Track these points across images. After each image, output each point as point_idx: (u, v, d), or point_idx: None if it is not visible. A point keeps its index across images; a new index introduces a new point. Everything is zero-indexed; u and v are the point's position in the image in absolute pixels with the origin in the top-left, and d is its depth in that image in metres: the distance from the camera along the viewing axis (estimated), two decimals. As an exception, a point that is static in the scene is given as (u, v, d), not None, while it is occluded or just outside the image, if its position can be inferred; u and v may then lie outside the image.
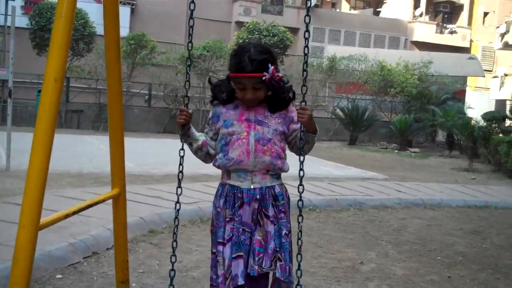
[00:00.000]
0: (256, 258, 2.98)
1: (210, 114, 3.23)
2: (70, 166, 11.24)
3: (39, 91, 20.78)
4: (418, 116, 24.19)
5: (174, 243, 3.15)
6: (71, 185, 9.36)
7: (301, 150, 3.08)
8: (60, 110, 21.53)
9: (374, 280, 5.83)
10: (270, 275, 3.16)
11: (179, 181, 3.11)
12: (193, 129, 3.21)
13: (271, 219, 3.04)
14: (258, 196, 3.04)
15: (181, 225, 7.16)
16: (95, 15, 21.37)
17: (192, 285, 5.20)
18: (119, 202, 3.02)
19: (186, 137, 3.19)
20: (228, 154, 3.06)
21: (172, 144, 17.83)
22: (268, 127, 3.07)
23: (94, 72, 22.56)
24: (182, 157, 3.11)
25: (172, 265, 3.18)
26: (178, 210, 3.10)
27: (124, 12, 28.66)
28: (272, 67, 3.01)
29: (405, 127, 22.96)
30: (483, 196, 11.46)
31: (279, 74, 3.05)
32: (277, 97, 3.08)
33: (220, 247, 3.01)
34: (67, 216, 2.49)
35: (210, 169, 3.74)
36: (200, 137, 3.24)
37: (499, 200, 11.25)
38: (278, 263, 3.04)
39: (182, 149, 3.11)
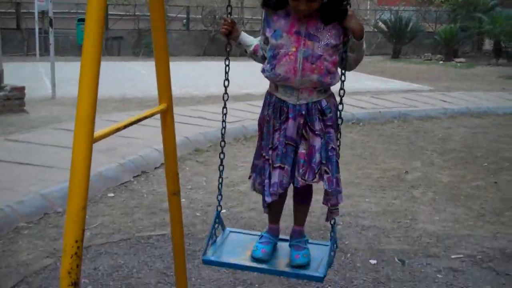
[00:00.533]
0: (301, 170, 3.00)
1: (263, 17, 3.09)
2: (114, 92, 11.43)
3: (79, 20, 20.88)
4: (464, 24, 23.36)
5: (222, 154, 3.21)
6: (116, 110, 9.56)
7: (347, 59, 3.00)
8: (101, 38, 21.61)
9: (419, 188, 5.88)
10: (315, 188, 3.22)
11: (225, 89, 3.09)
12: (243, 35, 3.11)
13: (317, 132, 2.98)
14: (303, 112, 2.97)
15: (226, 143, 7.30)
16: None
17: (239, 199, 5.35)
18: (167, 116, 3.06)
19: (238, 45, 3.17)
20: (275, 69, 2.95)
21: (212, 66, 17.92)
22: (319, 42, 2.92)
23: (131, -2, 22.47)
24: (227, 66, 3.07)
25: (221, 174, 3.27)
26: (225, 114, 3.11)
27: None
28: None
29: (451, 37, 22.27)
30: (531, 103, 11.20)
31: None
32: (332, 6, 2.95)
33: (271, 152, 3.03)
34: (118, 129, 2.55)
35: (252, 88, 3.73)
36: (253, 41, 3.14)
37: (549, 105, 10.97)
38: (325, 176, 3.02)
39: (227, 58, 3.08)
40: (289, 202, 3.09)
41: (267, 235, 3.15)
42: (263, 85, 3.23)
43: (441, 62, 21.66)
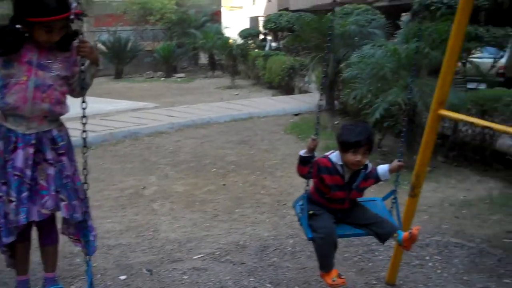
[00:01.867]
0: (42, 201, 2.97)
1: None
2: None
3: None
4: (180, 41, 24.70)
5: None
6: None
7: (83, 85, 3.05)
8: None
9: (158, 200, 6.19)
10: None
11: None
12: None
13: (50, 162, 3.01)
14: (33, 141, 2.97)
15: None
16: None
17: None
18: None
19: None
20: (5, 98, 2.91)
21: None
22: (50, 72, 2.95)
23: None
24: None
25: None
26: None
27: None
28: (75, 3, 2.92)
29: (169, 54, 23.34)
30: (246, 109, 12.43)
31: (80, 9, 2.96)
32: (67, 38, 3.01)
33: (4, 187, 2.94)
34: None
35: None
36: None
37: (261, 110, 12.31)
38: (62, 203, 3.06)
39: None
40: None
41: None
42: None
43: (163, 79, 22.56)
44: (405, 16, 8.16)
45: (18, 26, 2.91)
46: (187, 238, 5.01)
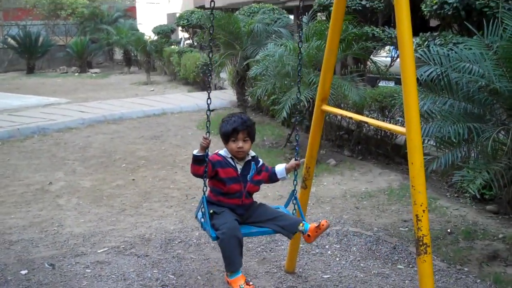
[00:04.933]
0: None
1: None
2: None
3: None
4: (93, 36, 24.20)
5: None
6: None
7: None
8: None
9: (64, 196, 6.13)
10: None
11: None
12: None
13: None
14: None
15: None
16: None
17: None
18: None
19: None
20: None
21: None
22: None
23: None
24: None
25: None
26: None
27: None
28: None
29: (82, 49, 22.82)
30: (160, 105, 12.39)
31: None
32: None
33: None
34: None
35: None
36: None
37: (175, 106, 12.32)
38: None
39: None
40: None
41: None
42: None
43: (77, 74, 22.07)
44: (305, 17, 8.41)
45: None
46: (92, 233, 5.02)
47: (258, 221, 3.51)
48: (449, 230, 5.09)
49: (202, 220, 3.45)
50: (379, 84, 8.99)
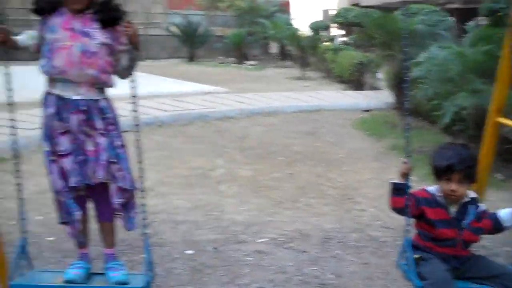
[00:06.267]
0: (91, 168, 3.06)
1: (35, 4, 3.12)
2: None
3: None
4: (250, 29, 24.90)
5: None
6: None
7: (129, 64, 3.18)
8: None
9: (225, 183, 6.35)
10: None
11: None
12: (17, 39, 3.15)
13: (100, 131, 3.08)
14: (83, 108, 3.05)
15: (31, 151, 7.13)
16: None
17: (50, 206, 5.31)
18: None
19: (16, 50, 3.18)
20: (52, 61, 3.02)
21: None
22: (93, 40, 3.05)
23: None
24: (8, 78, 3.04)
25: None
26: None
27: None
28: None
29: (240, 41, 23.56)
30: (315, 101, 12.43)
31: None
32: (107, 11, 3.13)
33: (55, 158, 3.09)
34: None
35: (36, 94, 3.68)
36: (29, 40, 3.17)
37: (329, 103, 12.29)
38: (118, 173, 3.09)
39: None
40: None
41: (79, 262, 3.17)
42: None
43: (234, 65, 22.82)
44: (472, 22, 7.98)
45: None
46: (252, 222, 5.14)
47: (477, 277, 2.93)
48: None
49: (406, 266, 2.97)
50: None
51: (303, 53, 19.01)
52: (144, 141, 3.33)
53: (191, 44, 24.10)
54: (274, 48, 26.17)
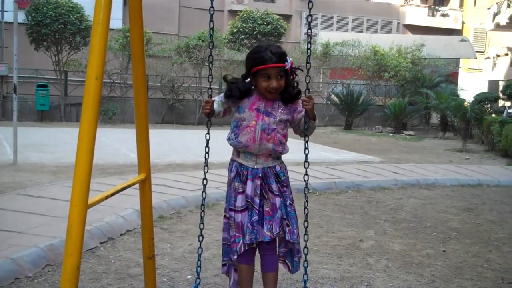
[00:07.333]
0: (268, 226, 3.51)
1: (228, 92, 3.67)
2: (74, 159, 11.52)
3: (39, 86, 21.05)
4: (412, 99, 24.59)
5: (201, 225, 3.65)
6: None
7: (306, 132, 3.69)
8: (59, 104, 21.79)
9: (374, 255, 6.20)
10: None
11: (206, 161, 3.56)
12: (214, 109, 3.70)
13: (275, 193, 3.59)
14: (260, 174, 3.57)
15: (188, 211, 7.54)
16: (90, 9, 21.49)
17: (204, 265, 5.55)
18: (146, 185, 3.39)
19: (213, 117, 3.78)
20: (238, 138, 3.56)
21: (170, 134, 18.21)
22: (274, 118, 3.55)
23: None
24: (207, 141, 3.59)
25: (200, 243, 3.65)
26: (204, 191, 3.57)
27: (117, 4, 28.80)
28: (290, 59, 3.57)
29: (400, 111, 23.33)
30: (476, 175, 11.84)
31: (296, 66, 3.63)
32: (288, 90, 3.57)
33: (232, 213, 3.53)
34: (107, 197, 2.84)
35: (211, 158, 4.10)
36: (219, 109, 3.68)
37: (492, 178, 11.63)
38: (287, 228, 3.60)
39: (208, 133, 3.60)
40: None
41: None
42: (221, 154, 3.80)
43: (391, 134, 22.55)
44: None
45: (247, 80, 3.64)
46: (400, 299, 4.94)
47: None
48: None
49: None
50: None
51: (467, 125, 18.32)
52: (297, 202, 3.64)
53: (350, 113, 24.31)
54: (434, 118, 25.50)
